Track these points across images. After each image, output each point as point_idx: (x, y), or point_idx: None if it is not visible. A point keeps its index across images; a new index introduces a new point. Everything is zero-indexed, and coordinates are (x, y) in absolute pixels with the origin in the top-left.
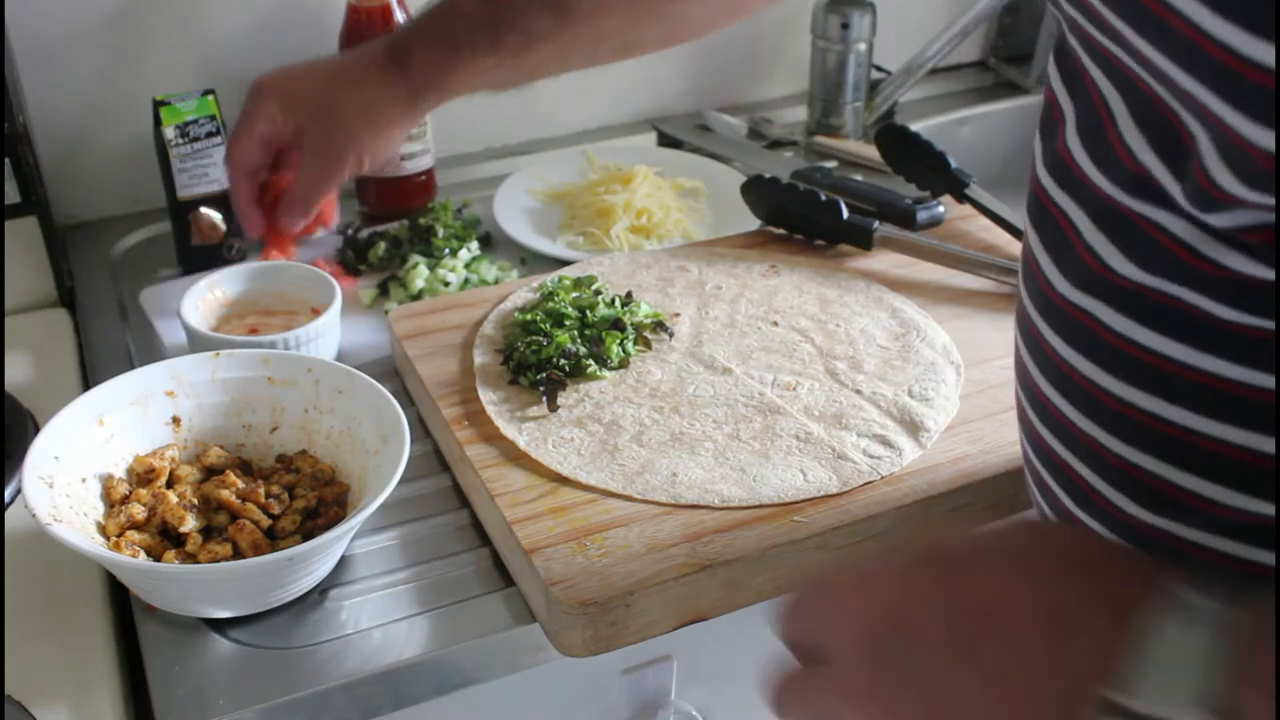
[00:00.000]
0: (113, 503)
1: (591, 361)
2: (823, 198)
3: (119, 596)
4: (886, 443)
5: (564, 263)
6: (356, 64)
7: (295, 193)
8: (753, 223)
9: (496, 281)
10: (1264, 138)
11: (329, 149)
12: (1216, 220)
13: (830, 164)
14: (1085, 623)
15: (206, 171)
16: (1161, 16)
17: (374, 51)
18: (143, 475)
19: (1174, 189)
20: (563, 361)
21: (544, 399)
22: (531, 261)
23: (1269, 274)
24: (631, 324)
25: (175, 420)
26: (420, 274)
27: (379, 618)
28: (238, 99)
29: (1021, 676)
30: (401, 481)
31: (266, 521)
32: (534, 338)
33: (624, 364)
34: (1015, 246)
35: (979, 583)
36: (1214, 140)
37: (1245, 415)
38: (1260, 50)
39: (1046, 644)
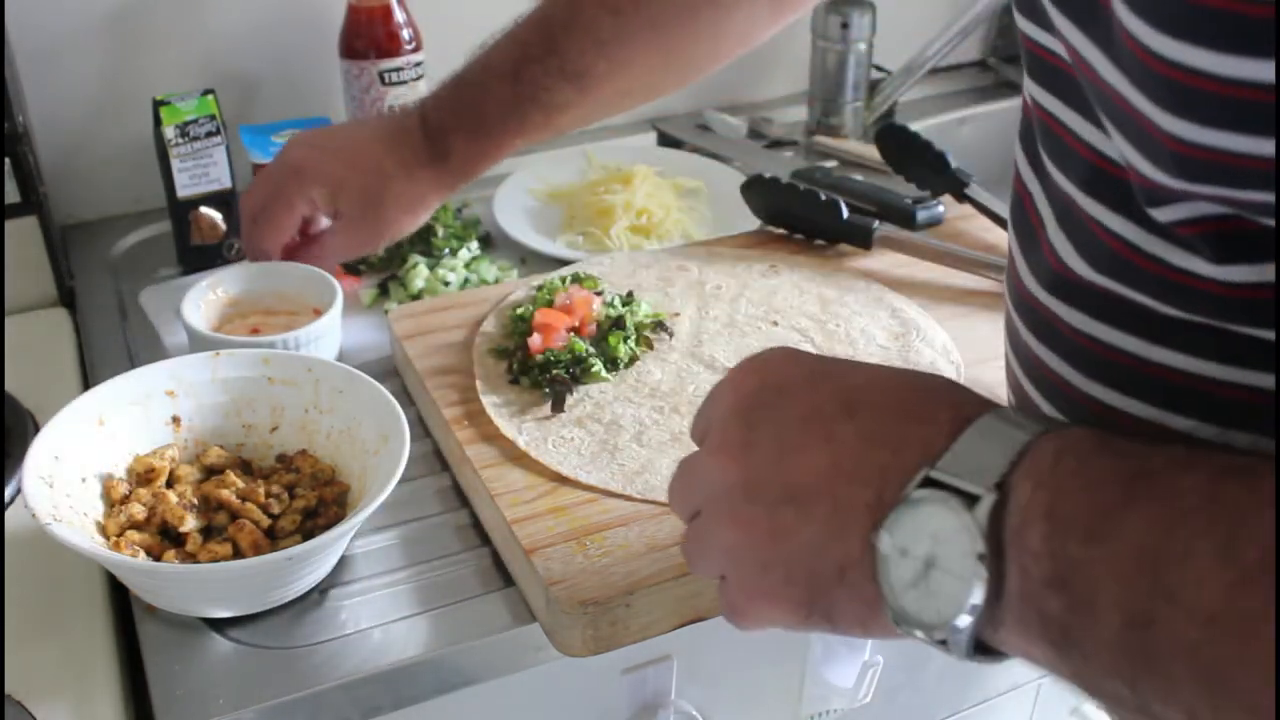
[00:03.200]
0: (113, 503)
1: (597, 362)
2: (823, 198)
3: (119, 596)
4: None
5: (564, 263)
6: (397, 156)
7: (323, 255)
8: (753, 223)
9: (496, 281)
10: (1174, 125)
11: (372, 233)
12: (1159, 215)
13: (830, 164)
14: (927, 415)
15: (206, 171)
16: (1096, 8)
17: (413, 141)
18: (143, 475)
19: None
20: (570, 365)
21: (550, 402)
22: (531, 261)
23: (1208, 270)
24: (632, 324)
25: (175, 420)
26: (420, 274)
27: (379, 618)
28: (238, 99)
29: (864, 452)
30: (401, 481)
31: (266, 521)
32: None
33: (632, 361)
34: None
35: (850, 374)
36: (1123, 132)
37: (1199, 407)
38: (1169, 47)
39: (892, 429)
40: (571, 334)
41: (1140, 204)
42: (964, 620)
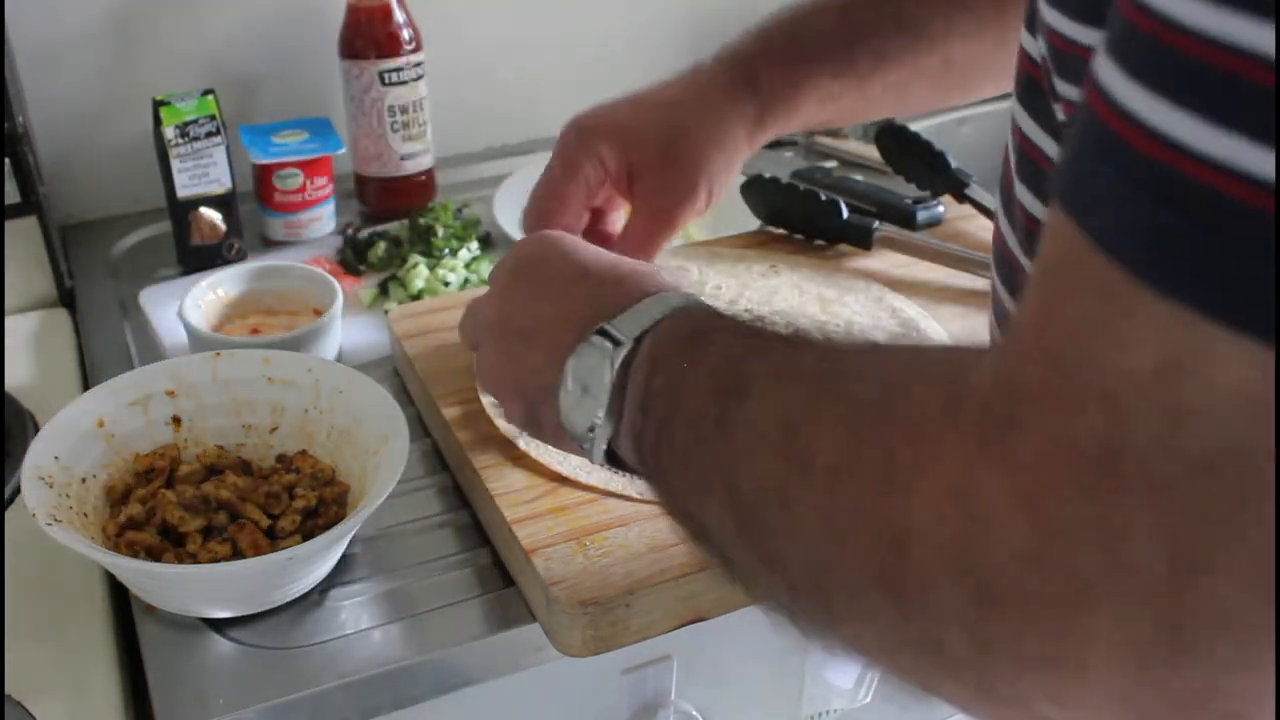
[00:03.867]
0: (113, 503)
1: None
2: (823, 198)
3: (119, 596)
4: None
5: None
6: (690, 89)
7: (634, 238)
8: (753, 223)
9: None
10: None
11: (680, 182)
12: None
13: (830, 164)
14: (630, 291)
15: (206, 171)
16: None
17: (707, 73)
18: (143, 475)
19: None
20: None
21: None
22: None
23: None
24: None
25: (175, 420)
26: (420, 274)
27: (379, 618)
28: (238, 99)
29: (580, 308)
30: (401, 481)
31: (266, 521)
32: None
33: None
34: None
35: (595, 255)
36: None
37: None
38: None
39: (602, 293)
40: None
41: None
42: (596, 431)
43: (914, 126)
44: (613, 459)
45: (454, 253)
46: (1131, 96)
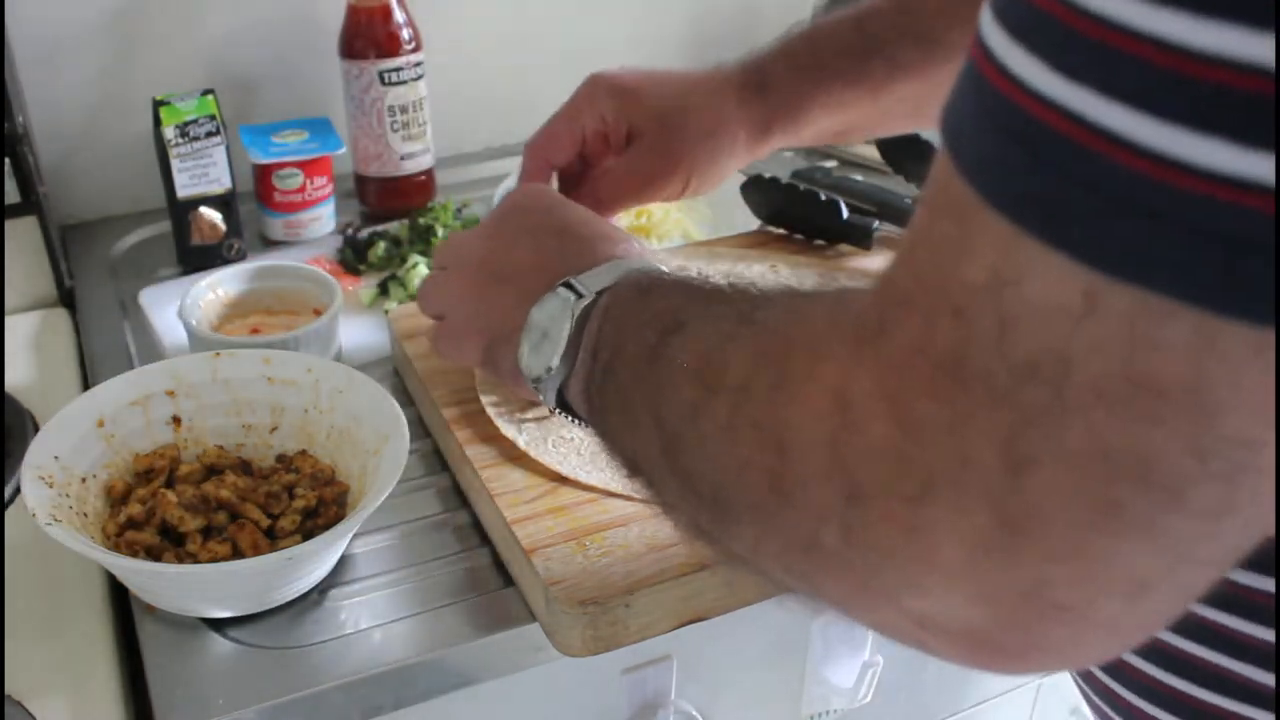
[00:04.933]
0: (113, 503)
1: None
2: (823, 198)
3: (119, 596)
4: None
5: None
6: (706, 81)
7: (603, 195)
8: (753, 223)
9: None
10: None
11: (663, 159)
12: None
13: (830, 164)
14: (602, 250)
15: (206, 171)
16: None
17: (725, 72)
18: (143, 475)
19: None
20: None
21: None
22: None
23: None
24: None
25: (175, 420)
26: (420, 274)
27: (379, 618)
28: (238, 99)
29: (553, 260)
30: (401, 481)
31: (266, 521)
32: None
33: None
34: None
35: (575, 211)
36: None
37: None
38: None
39: (575, 248)
40: None
41: None
42: (551, 373)
43: None
44: (562, 404)
45: None
46: (991, 36)
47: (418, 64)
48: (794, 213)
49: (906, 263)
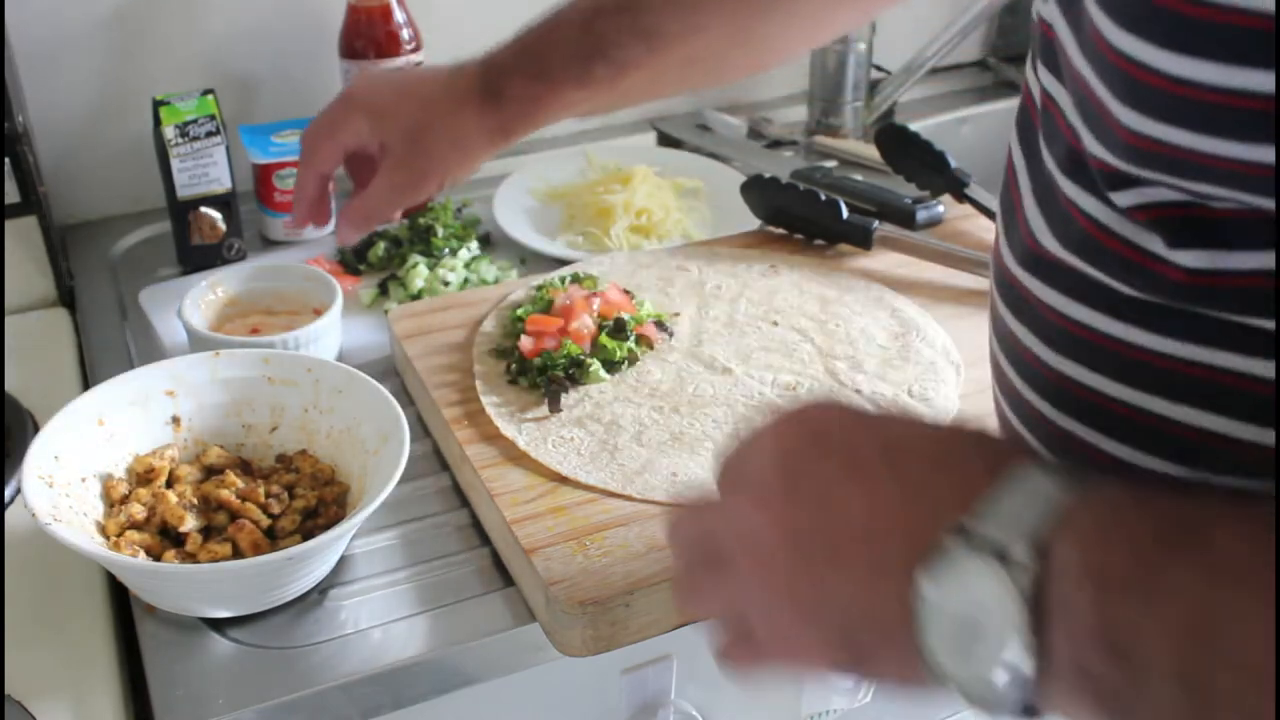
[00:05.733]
0: (113, 503)
1: (595, 363)
2: (823, 198)
3: (119, 596)
4: None
5: (564, 262)
6: (450, 90)
7: (366, 205)
8: (753, 223)
9: (496, 281)
10: (1127, 115)
11: (413, 170)
12: (1117, 199)
13: (830, 164)
14: (962, 467)
15: (206, 171)
16: (1078, 14)
17: (469, 77)
18: (143, 475)
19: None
20: (567, 366)
21: (546, 401)
22: (531, 261)
23: (1165, 253)
24: (633, 320)
25: (175, 420)
26: (420, 274)
27: (379, 618)
28: (238, 99)
29: (902, 500)
30: (401, 481)
31: (266, 521)
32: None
33: (632, 360)
34: None
35: (890, 424)
36: (1084, 115)
37: (1165, 385)
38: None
39: (929, 478)
40: (565, 337)
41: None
42: (1011, 689)
43: (913, 126)
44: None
45: (454, 252)
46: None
47: (417, 64)
48: (794, 213)
49: None
